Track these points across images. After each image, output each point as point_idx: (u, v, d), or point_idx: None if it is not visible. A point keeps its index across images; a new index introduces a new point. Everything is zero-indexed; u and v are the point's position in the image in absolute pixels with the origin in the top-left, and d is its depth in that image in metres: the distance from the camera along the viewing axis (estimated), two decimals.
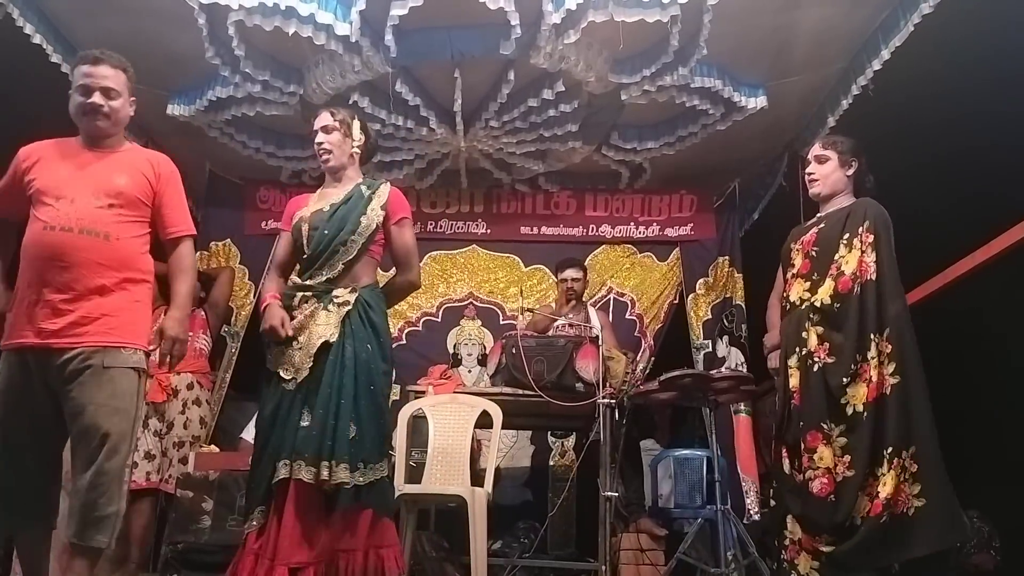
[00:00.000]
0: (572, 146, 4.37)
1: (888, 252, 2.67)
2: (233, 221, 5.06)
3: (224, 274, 4.67)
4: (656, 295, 4.99)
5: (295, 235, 2.87)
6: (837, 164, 2.91)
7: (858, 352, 2.58)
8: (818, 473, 2.51)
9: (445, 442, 3.79)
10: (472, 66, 3.75)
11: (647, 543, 3.83)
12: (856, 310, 2.62)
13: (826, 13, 3.50)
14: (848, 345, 2.59)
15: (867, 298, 2.61)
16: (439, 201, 5.12)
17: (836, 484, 2.53)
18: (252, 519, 2.60)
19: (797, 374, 2.70)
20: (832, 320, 2.65)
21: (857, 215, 2.77)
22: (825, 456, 2.54)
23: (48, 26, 3.52)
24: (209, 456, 3.85)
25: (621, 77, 3.77)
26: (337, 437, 2.53)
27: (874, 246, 2.67)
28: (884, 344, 2.55)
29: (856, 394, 2.54)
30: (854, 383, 2.56)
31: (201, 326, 4.33)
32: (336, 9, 3.31)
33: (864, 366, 2.56)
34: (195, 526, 3.55)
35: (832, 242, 2.77)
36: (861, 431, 2.52)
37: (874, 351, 2.55)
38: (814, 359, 2.65)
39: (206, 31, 3.46)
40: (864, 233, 2.70)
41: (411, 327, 5.01)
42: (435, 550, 3.98)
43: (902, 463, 2.46)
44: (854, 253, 2.69)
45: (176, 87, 4.06)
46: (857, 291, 2.63)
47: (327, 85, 3.79)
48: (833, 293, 2.68)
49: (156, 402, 4.00)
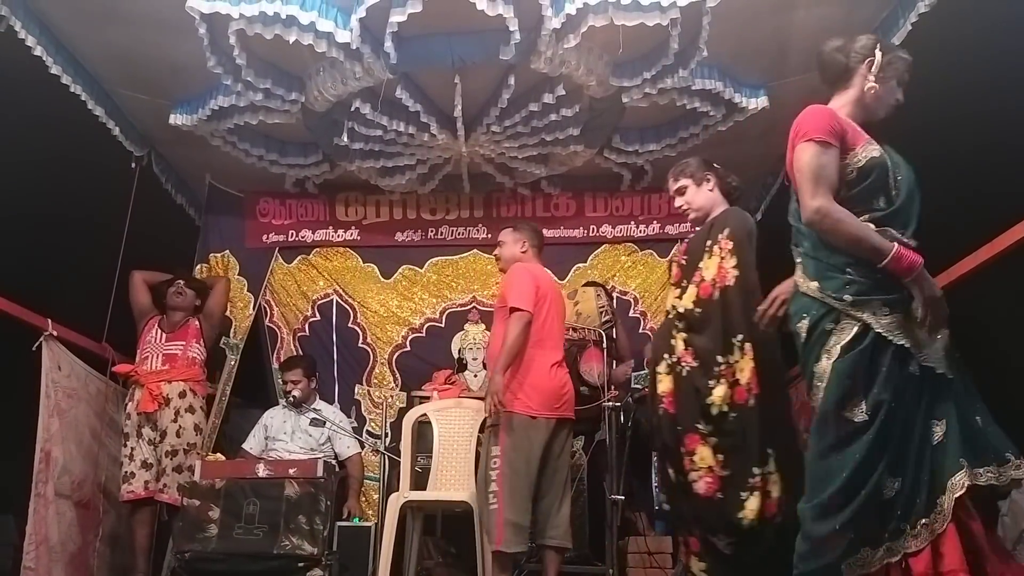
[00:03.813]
0: (574, 149, 4.37)
1: (747, 258, 2.73)
2: (233, 233, 5.08)
3: (220, 284, 4.69)
4: (659, 293, 4.99)
5: (868, 173, 2.25)
6: (695, 186, 3.04)
7: (720, 355, 2.63)
8: (701, 473, 2.54)
9: (450, 447, 3.79)
10: (472, 71, 3.75)
11: (655, 546, 3.83)
12: (715, 314, 2.68)
13: (826, 13, 3.50)
14: (710, 349, 2.64)
15: (727, 303, 2.67)
16: (439, 207, 5.13)
17: (720, 481, 2.55)
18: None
19: (667, 380, 2.74)
20: (695, 325, 2.72)
21: (719, 224, 2.86)
22: (705, 456, 2.57)
23: (49, 37, 3.52)
24: (215, 465, 3.86)
25: (622, 80, 3.78)
26: None
27: (733, 252, 2.73)
28: (749, 348, 2.61)
29: (720, 395, 2.58)
30: (718, 385, 2.60)
31: (195, 335, 4.35)
32: (336, 17, 3.31)
33: (726, 369, 2.61)
34: (201, 535, 3.55)
35: (698, 251, 2.86)
36: (728, 431, 2.56)
37: (737, 354, 2.60)
38: (681, 364, 2.70)
39: (207, 40, 3.46)
40: (723, 240, 2.77)
41: (415, 333, 5.01)
42: (442, 556, 3.99)
43: (772, 457, 2.52)
44: (714, 259, 2.76)
45: (178, 97, 4.06)
46: (717, 296, 2.69)
47: (328, 92, 3.79)
48: (696, 299, 2.74)
49: (147, 412, 4.02)
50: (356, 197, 5.11)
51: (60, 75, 3.62)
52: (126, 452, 4.03)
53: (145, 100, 4.11)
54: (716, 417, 2.57)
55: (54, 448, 3.74)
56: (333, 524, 3.76)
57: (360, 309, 5.06)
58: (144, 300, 4.40)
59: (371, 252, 5.16)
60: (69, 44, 3.65)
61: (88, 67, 3.82)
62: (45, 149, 3.97)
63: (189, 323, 4.38)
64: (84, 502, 3.90)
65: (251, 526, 3.56)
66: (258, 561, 3.50)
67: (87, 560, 3.90)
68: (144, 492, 3.97)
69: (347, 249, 5.16)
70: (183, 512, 3.67)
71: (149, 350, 4.25)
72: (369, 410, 4.88)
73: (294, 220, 5.11)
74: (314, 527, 3.54)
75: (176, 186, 4.94)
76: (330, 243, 5.13)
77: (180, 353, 4.25)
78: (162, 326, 4.33)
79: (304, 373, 4.40)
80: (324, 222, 5.12)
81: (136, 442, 4.03)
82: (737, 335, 2.61)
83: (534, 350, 3.34)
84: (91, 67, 3.83)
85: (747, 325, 2.59)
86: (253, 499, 3.60)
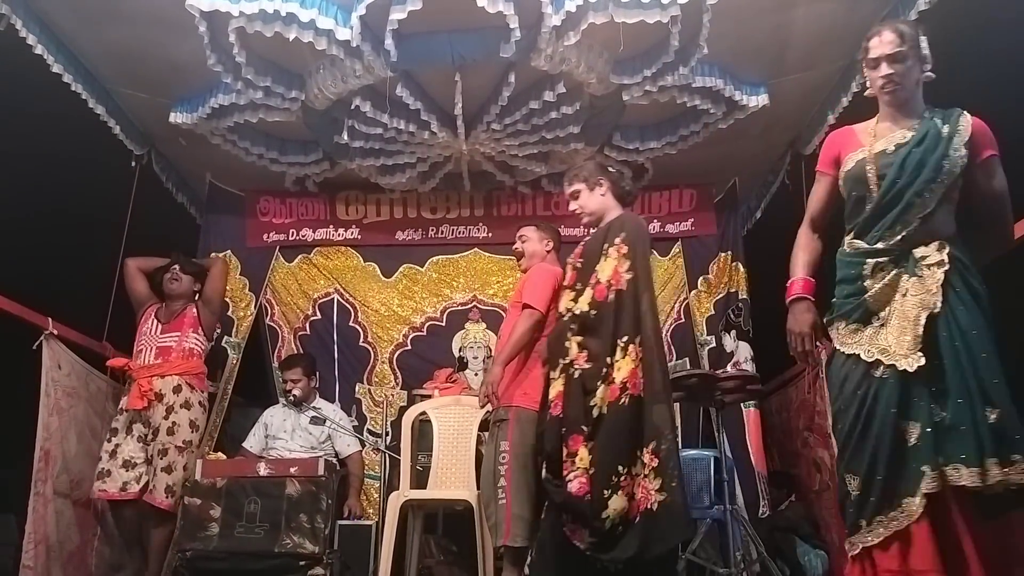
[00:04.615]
0: (574, 147, 4.37)
1: (641, 262, 2.77)
2: (234, 232, 5.08)
3: (217, 266, 4.39)
4: (659, 291, 4.97)
5: (848, 183, 2.34)
6: (588, 190, 3.07)
7: (608, 355, 2.65)
8: (578, 474, 2.55)
9: (450, 445, 3.78)
10: (473, 69, 3.75)
11: None
12: (607, 316, 2.70)
13: (826, 10, 3.50)
14: (600, 351, 2.67)
15: (620, 305, 2.69)
16: (439, 206, 5.13)
17: (590, 482, 2.56)
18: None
19: (558, 383, 2.74)
20: (589, 327, 2.74)
21: (615, 228, 2.89)
22: (584, 457, 2.59)
23: (50, 36, 3.52)
24: (216, 463, 3.85)
25: (622, 78, 3.77)
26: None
27: (627, 256, 2.75)
28: (636, 349, 2.63)
29: (601, 396, 2.60)
30: (602, 385, 2.62)
31: (191, 324, 4.10)
32: (336, 14, 3.31)
33: (610, 370, 2.63)
34: (203, 533, 3.55)
35: (594, 254, 2.88)
36: (602, 432, 2.58)
37: (619, 354, 2.62)
38: (575, 366, 2.71)
39: (207, 39, 3.46)
40: (619, 244, 2.80)
41: (416, 332, 5.01)
42: (443, 554, 3.98)
43: (641, 460, 2.53)
44: (610, 262, 2.78)
45: (178, 95, 4.06)
46: (611, 298, 2.71)
47: (328, 90, 3.79)
48: (591, 301, 2.77)
49: (137, 409, 3.82)
50: (356, 196, 5.10)
51: (61, 74, 3.63)
52: (108, 448, 3.82)
53: (145, 98, 4.11)
54: (596, 418, 2.60)
55: (53, 447, 3.74)
56: (334, 522, 3.76)
57: (361, 308, 5.05)
58: (140, 288, 4.17)
59: (372, 251, 5.15)
60: (69, 43, 3.65)
61: (88, 66, 3.82)
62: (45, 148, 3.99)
63: (186, 311, 4.12)
64: (83, 501, 3.88)
65: (252, 525, 3.56)
66: (259, 560, 3.49)
67: (86, 559, 3.89)
68: (119, 494, 3.75)
69: (348, 248, 5.15)
70: (184, 511, 3.65)
71: (144, 342, 4.04)
72: (370, 409, 4.87)
73: (295, 219, 5.10)
74: (315, 525, 3.54)
75: (177, 184, 4.94)
76: (331, 242, 5.13)
77: (175, 345, 4.01)
78: (159, 316, 4.10)
79: (304, 372, 4.39)
80: (324, 221, 5.12)
81: (124, 439, 3.83)
82: (622, 336, 2.65)
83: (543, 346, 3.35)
84: (91, 66, 3.83)
85: (635, 327, 2.64)
86: (254, 498, 3.60)
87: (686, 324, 4.89)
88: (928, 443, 2.06)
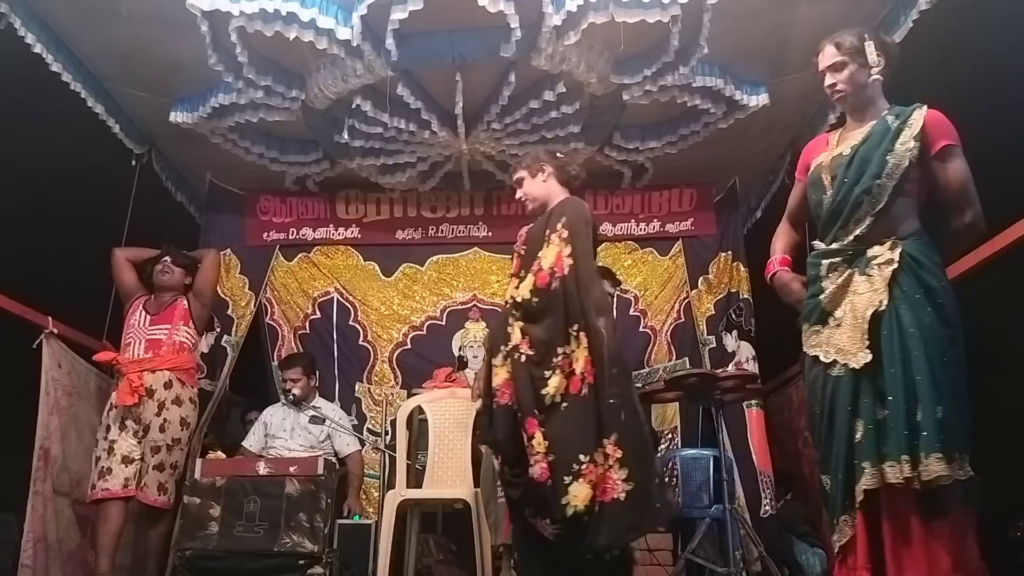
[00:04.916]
0: (574, 147, 4.36)
1: (583, 247, 2.71)
2: (234, 231, 5.08)
3: (209, 258, 4.25)
4: (659, 290, 5.00)
5: (810, 188, 2.47)
6: (531, 177, 3.04)
7: (559, 346, 2.62)
8: (538, 459, 2.53)
9: (445, 439, 3.77)
10: (473, 69, 3.75)
11: (655, 543, 3.83)
12: (554, 304, 2.66)
13: (826, 10, 3.50)
14: (547, 339, 2.64)
15: (566, 292, 2.66)
16: (439, 205, 5.13)
17: (550, 467, 2.54)
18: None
19: (502, 371, 2.71)
20: (531, 314, 2.70)
21: (557, 213, 2.85)
22: (541, 442, 2.56)
23: (49, 35, 3.52)
24: (216, 463, 3.85)
25: (622, 77, 3.78)
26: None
27: (569, 241, 2.72)
28: (584, 336, 2.60)
29: (555, 386, 2.57)
30: (554, 375, 2.59)
31: (182, 316, 3.97)
32: (337, 14, 3.31)
33: (564, 359, 2.60)
34: (202, 532, 3.54)
35: (537, 241, 2.85)
36: (559, 420, 2.56)
37: (573, 344, 2.60)
38: (520, 351, 2.67)
39: (208, 38, 3.46)
40: (561, 229, 2.76)
41: (415, 332, 5.01)
42: (442, 553, 3.98)
43: (604, 452, 2.50)
44: (552, 249, 2.74)
45: (179, 94, 4.07)
46: (555, 285, 2.68)
47: (329, 90, 3.79)
48: (533, 288, 2.72)
49: (127, 405, 3.70)
50: (356, 195, 5.10)
51: (60, 73, 3.63)
52: (104, 446, 3.71)
53: (146, 98, 4.11)
54: (549, 407, 2.56)
55: (53, 446, 3.74)
56: (333, 522, 3.75)
57: (361, 307, 5.05)
58: (129, 280, 4.02)
59: (372, 250, 5.15)
60: (69, 42, 3.65)
61: (88, 65, 3.82)
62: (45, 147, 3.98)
63: (176, 303, 3.99)
64: (83, 500, 3.88)
65: (252, 524, 3.55)
66: (259, 559, 3.49)
67: (85, 558, 3.89)
68: (122, 491, 3.65)
69: (348, 247, 5.15)
70: (184, 510, 3.65)
71: (132, 335, 3.88)
72: (370, 408, 4.87)
73: (294, 218, 5.10)
74: (315, 525, 3.53)
75: (176, 184, 4.94)
76: (331, 241, 5.13)
77: (165, 338, 3.87)
78: (147, 307, 3.95)
79: (303, 371, 4.39)
80: (324, 220, 5.12)
81: (119, 434, 3.72)
82: (574, 325, 2.61)
83: None
84: (91, 65, 3.83)
85: (582, 314, 2.59)
86: (254, 497, 3.60)
87: (687, 323, 4.89)
88: (870, 440, 2.12)
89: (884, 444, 2.09)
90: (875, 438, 2.10)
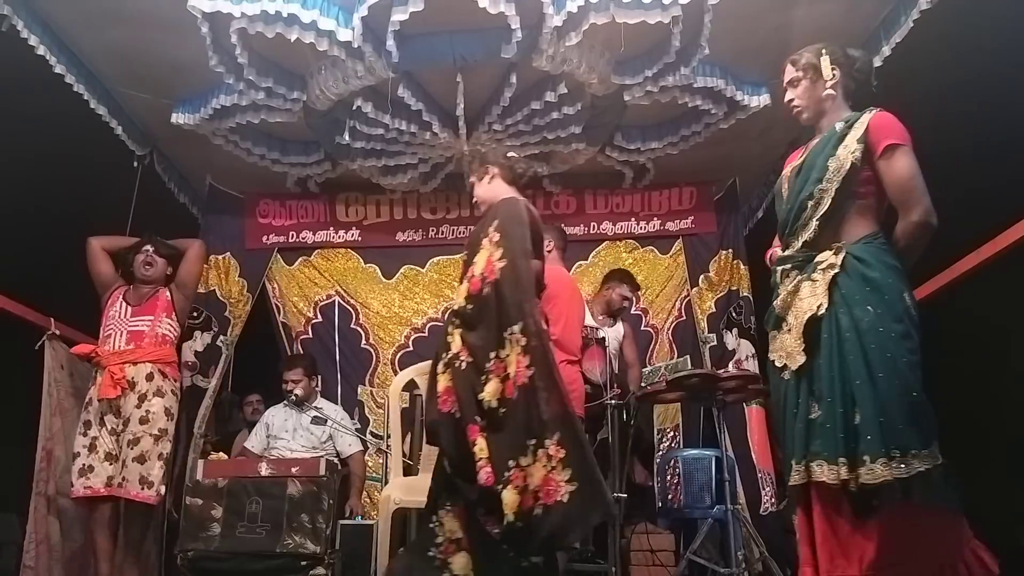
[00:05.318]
0: (576, 148, 4.37)
1: (514, 248, 2.68)
2: (233, 234, 5.09)
3: (193, 248, 4.05)
4: (660, 288, 5.00)
5: (776, 199, 2.55)
6: (478, 181, 3.04)
7: (492, 351, 2.61)
8: (482, 464, 2.51)
9: None
10: (474, 70, 3.76)
11: (657, 544, 3.83)
12: (487, 309, 2.65)
13: (827, 10, 3.50)
14: (482, 344, 2.63)
15: (499, 296, 2.64)
16: (439, 207, 5.13)
17: (495, 474, 2.52)
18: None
19: (444, 378, 2.69)
20: (467, 322, 2.69)
21: (490, 216, 2.84)
22: (484, 447, 2.55)
23: (52, 37, 3.53)
24: (218, 464, 3.85)
25: (623, 78, 3.78)
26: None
27: (500, 244, 2.70)
28: (520, 338, 2.58)
29: (491, 391, 2.56)
30: (489, 380, 2.58)
31: (165, 308, 3.82)
32: (338, 15, 3.32)
33: (497, 364, 2.59)
34: (204, 534, 3.55)
35: (475, 245, 2.84)
36: (498, 425, 2.55)
37: (508, 348, 2.59)
38: (460, 359, 2.67)
39: (209, 39, 3.47)
40: (492, 232, 2.75)
41: (417, 333, 5.01)
42: None
43: (547, 453, 2.49)
44: (483, 253, 2.73)
45: (180, 96, 4.08)
46: (487, 291, 2.66)
47: (330, 91, 3.80)
48: (467, 295, 2.72)
49: (109, 398, 3.57)
50: (356, 197, 5.10)
51: (63, 74, 3.64)
52: (85, 442, 3.58)
53: (147, 99, 4.11)
54: (487, 412, 2.55)
55: (56, 447, 3.75)
56: (336, 522, 3.75)
57: (362, 310, 5.06)
58: (105, 270, 3.85)
59: (372, 252, 5.15)
60: (72, 43, 3.66)
61: (90, 66, 3.83)
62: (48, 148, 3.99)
63: (159, 294, 3.83)
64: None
65: (254, 525, 3.56)
66: (261, 560, 3.49)
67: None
68: (105, 489, 3.53)
69: (348, 250, 5.16)
70: (186, 511, 3.65)
71: (112, 327, 3.72)
72: (372, 411, 4.88)
73: (294, 221, 5.11)
74: (317, 525, 3.54)
75: (178, 185, 4.94)
76: (331, 244, 5.13)
77: (147, 330, 3.72)
78: (127, 298, 3.79)
79: (305, 372, 4.39)
80: (325, 223, 5.12)
81: (99, 431, 3.59)
82: (506, 329, 2.59)
83: None
84: (93, 66, 3.84)
85: (515, 317, 2.57)
86: (256, 498, 3.60)
87: (687, 321, 4.90)
88: (801, 439, 2.16)
89: (812, 443, 2.13)
90: (804, 437, 2.15)
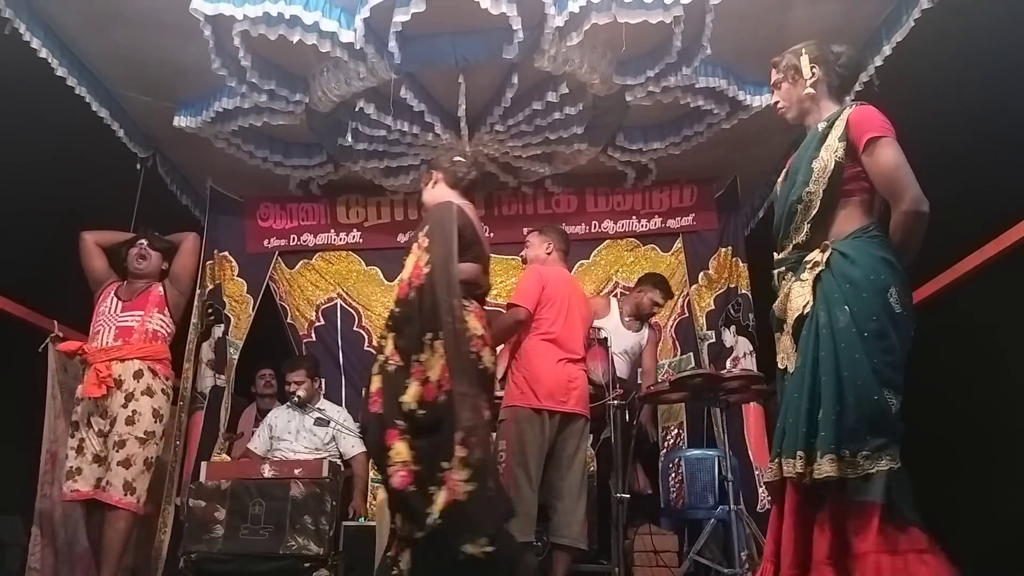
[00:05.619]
0: (578, 148, 4.37)
1: (440, 253, 2.72)
2: (234, 238, 5.09)
3: (188, 242, 3.90)
4: None
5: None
6: (424, 186, 3.14)
7: (414, 354, 2.64)
8: (397, 468, 2.54)
9: None
10: (476, 71, 3.76)
11: (661, 544, 3.82)
12: (411, 314, 2.69)
13: (829, 10, 3.50)
14: (406, 348, 2.67)
15: (422, 301, 2.68)
16: None
17: (413, 476, 2.55)
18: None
19: (376, 379, 2.72)
20: (396, 325, 2.73)
21: (423, 222, 2.89)
22: (401, 451, 2.57)
23: (54, 39, 3.54)
24: (221, 465, 3.86)
25: (625, 79, 3.78)
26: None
27: (428, 249, 2.74)
28: (436, 344, 2.62)
29: (412, 394, 2.59)
30: (411, 383, 2.61)
31: (157, 303, 3.68)
32: (340, 17, 3.32)
33: (418, 367, 2.62)
34: (207, 535, 3.55)
35: (408, 250, 2.87)
36: (419, 428, 2.58)
37: (427, 352, 2.62)
38: (390, 363, 2.70)
39: (212, 42, 3.47)
40: (422, 238, 2.79)
41: None
42: None
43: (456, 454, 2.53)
44: (412, 258, 2.77)
45: (182, 99, 4.08)
46: (412, 295, 2.70)
47: (332, 93, 3.80)
48: (396, 299, 2.77)
49: (94, 397, 3.42)
50: (357, 199, 5.10)
51: (65, 77, 3.64)
52: (74, 444, 3.46)
53: (150, 102, 4.12)
54: (407, 414, 2.58)
55: (60, 449, 3.74)
56: (339, 524, 3.76)
57: (365, 312, 5.06)
58: (99, 266, 3.74)
59: (374, 254, 5.15)
60: (74, 46, 3.67)
61: (93, 69, 3.83)
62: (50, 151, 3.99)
63: (151, 289, 3.69)
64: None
65: (257, 526, 3.56)
66: (264, 561, 3.50)
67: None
68: (92, 491, 3.39)
69: (349, 252, 5.16)
70: (189, 513, 3.65)
71: (101, 323, 3.60)
72: None
73: (295, 224, 5.11)
74: (320, 527, 3.54)
75: (181, 188, 4.95)
76: (332, 247, 5.13)
77: (137, 325, 3.58)
78: (119, 294, 3.67)
79: (307, 373, 4.40)
80: (326, 225, 5.12)
81: (86, 432, 3.45)
82: (427, 333, 2.62)
83: (541, 345, 3.40)
84: (96, 69, 3.84)
85: (437, 322, 2.61)
86: (259, 500, 3.61)
87: (690, 319, 4.90)
88: (779, 436, 2.21)
89: (783, 440, 2.17)
90: (780, 435, 2.20)
